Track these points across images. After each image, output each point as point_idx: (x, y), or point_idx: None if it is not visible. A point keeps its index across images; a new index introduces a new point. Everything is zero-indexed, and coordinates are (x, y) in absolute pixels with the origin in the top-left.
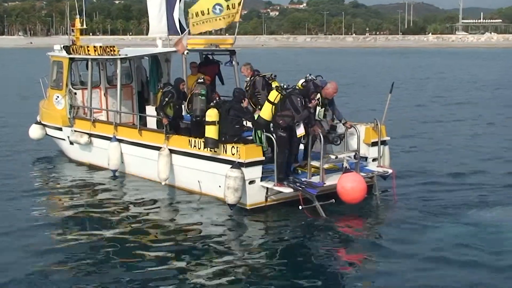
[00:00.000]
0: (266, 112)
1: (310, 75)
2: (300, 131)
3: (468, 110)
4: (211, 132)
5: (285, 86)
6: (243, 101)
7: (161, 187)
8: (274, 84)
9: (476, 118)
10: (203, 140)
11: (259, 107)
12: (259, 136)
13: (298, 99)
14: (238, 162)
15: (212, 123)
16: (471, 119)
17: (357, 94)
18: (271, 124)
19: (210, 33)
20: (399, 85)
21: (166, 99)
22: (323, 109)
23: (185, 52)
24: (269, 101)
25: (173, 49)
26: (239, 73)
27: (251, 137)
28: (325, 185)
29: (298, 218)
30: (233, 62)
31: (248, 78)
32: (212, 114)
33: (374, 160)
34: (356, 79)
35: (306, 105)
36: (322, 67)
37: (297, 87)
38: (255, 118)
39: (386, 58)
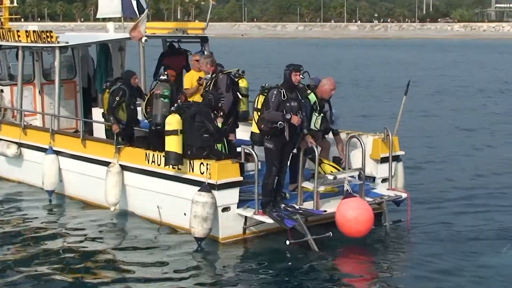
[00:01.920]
0: (254, 123)
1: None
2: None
3: (501, 120)
4: (173, 144)
5: (267, 85)
6: (217, 112)
7: (110, 214)
8: (242, 83)
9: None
10: (164, 153)
11: (221, 113)
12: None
13: (275, 92)
14: (208, 183)
15: (174, 132)
16: (505, 131)
17: (362, 97)
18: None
19: (176, 18)
20: (415, 86)
21: (117, 98)
22: (320, 115)
23: (143, 39)
24: (256, 109)
25: (128, 35)
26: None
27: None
28: (321, 211)
29: (282, 254)
30: (205, 52)
31: (208, 76)
32: (172, 122)
33: (384, 181)
34: (361, 79)
35: (293, 98)
36: (318, 62)
37: None
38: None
39: (399, 52)
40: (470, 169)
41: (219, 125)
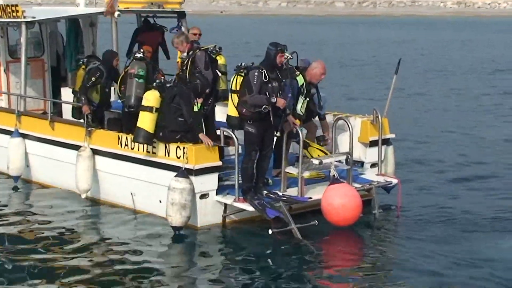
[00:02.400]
0: (231, 106)
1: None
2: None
3: (496, 100)
4: (145, 121)
5: (244, 64)
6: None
7: (81, 201)
8: (220, 60)
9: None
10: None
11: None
12: None
13: (256, 73)
14: (185, 168)
15: (149, 109)
16: (499, 111)
17: (349, 77)
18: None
19: None
20: (406, 66)
21: (93, 78)
22: (306, 99)
23: (116, 14)
24: (232, 91)
25: (101, 9)
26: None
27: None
28: (306, 198)
29: (264, 243)
30: (183, 28)
31: (185, 54)
32: (150, 98)
33: (373, 165)
34: (348, 59)
35: (274, 79)
36: (302, 41)
37: None
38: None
39: (389, 31)
40: (462, 152)
41: (198, 105)
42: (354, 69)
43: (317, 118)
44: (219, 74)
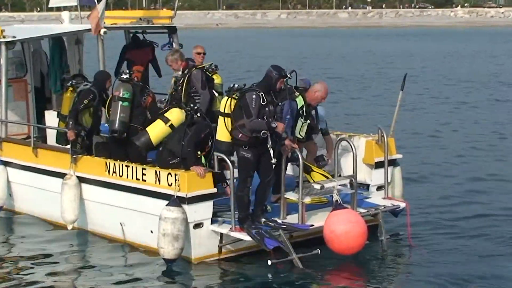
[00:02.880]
0: (222, 130)
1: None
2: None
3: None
4: (156, 129)
5: (237, 86)
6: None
7: (67, 233)
8: (217, 79)
9: None
10: (126, 163)
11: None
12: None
13: (253, 96)
14: (177, 196)
15: (165, 120)
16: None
17: (353, 93)
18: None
19: (140, 5)
20: (413, 81)
21: (85, 101)
22: (306, 122)
23: (102, 31)
24: (221, 114)
25: (87, 26)
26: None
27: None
28: (308, 226)
29: (263, 275)
30: (174, 44)
31: (179, 72)
32: (175, 115)
33: (379, 188)
34: (351, 73)
35: (270, 102)
36: (302, 55)
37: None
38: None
39: (396, 43)
40: (474, 172)
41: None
42: (357, 84)
43: (320, 135)
44: (216, 94)
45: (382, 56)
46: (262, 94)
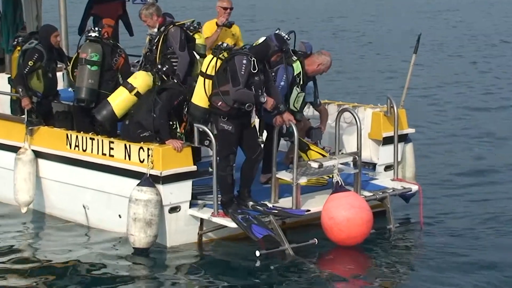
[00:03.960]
0: (199, 93)
1: (278, 30)
2: (252, 119)
3: None
4: (119, 98)
5: (225, 45)
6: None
7: (21, 216)
8: (199, 39)
9: None
10: (91, 135)
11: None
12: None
13: (244, 60)
14: (150, 175)
15: (130, 88)
16: None
17: (355, 57)
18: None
19: None
20: (429, 40)
21: (30, 62)
22: (301, 92)
23: None
24: (203, 74)
25: None
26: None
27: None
28: (303, 211)
29: (250, 268)
30: None
31: (155, 30)
32: (140, 79)
33: (387, 168)
34: (354, 31)
35: (263, 71)
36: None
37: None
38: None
39: None
40: (495, 148)
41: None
42: (361, 45)
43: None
44: (197, 56)
45: (390, 7)
46: (254, 60)
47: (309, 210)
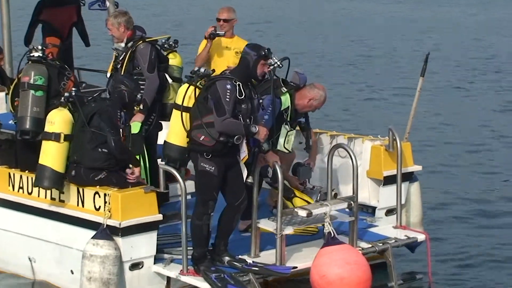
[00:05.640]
0: (176, 130)
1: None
2: (243, 153)
3: None
4: (50, 155)
5: (203, 70)
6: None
7: None
8: (174, 60)
9: None
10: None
11: (140, 108)
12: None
13: (228, 86)
14: (107, 225)
15: (54, 137)
16: None
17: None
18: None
19: None
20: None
21: None
22: (293, 131)
23: None
24: (178, 107)
25: None
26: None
27: None
28: (288, 269)
29: None
30: (107, 2)
31: (122, 44)
32: (56, 120)
33: (389, 213)
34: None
35: (248, 97)
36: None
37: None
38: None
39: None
40: (501, 188)
41: (137, 124)
42: (359, 67)
43: None
44: (170, 80)
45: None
46: (239, 85)
47: (296, 267)
